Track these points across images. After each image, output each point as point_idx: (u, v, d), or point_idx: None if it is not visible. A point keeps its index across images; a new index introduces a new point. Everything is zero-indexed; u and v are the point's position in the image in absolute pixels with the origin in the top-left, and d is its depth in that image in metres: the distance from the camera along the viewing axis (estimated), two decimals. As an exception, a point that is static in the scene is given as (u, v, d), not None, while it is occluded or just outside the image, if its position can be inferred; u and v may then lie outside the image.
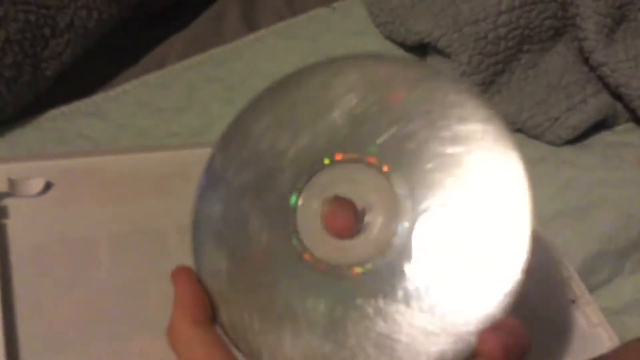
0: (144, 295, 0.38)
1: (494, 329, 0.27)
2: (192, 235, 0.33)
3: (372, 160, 0.31)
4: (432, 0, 0.52)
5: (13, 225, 0.39)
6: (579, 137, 0.51)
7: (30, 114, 0.49)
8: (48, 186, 0.41)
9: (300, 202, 0.31)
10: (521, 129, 0.51)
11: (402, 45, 0.57)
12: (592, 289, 0.43)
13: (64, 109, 0.49)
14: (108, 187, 0.42)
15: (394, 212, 0.30)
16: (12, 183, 0.39)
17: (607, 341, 0.39)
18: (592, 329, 0.40)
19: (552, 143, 0.51)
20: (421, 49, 0.56)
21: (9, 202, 0.39)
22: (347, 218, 0.30)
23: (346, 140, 0.32)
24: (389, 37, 0.57)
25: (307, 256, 0.30)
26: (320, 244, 0.30)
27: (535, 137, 0.51)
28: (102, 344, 0.36)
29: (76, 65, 0.50)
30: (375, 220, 0.30)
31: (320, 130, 0.32)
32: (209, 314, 0.30)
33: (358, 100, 0.32)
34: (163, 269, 0.40)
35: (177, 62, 0.55)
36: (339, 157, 0.31)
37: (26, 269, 0.38)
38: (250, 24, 0.59)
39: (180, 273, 0.31)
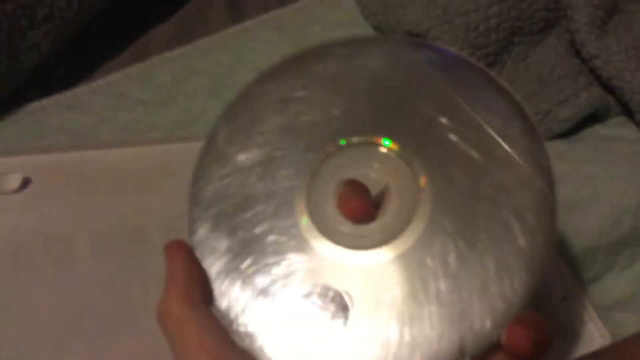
0: (125, 293, 0.38)
1: (521, 322, 0.26)
2: (189, 211, 0.31)
3: (389, 144, 0.30)
4: (422, -9, 0.51)
5: (-11, 222, 0.38)
6: (571, 131, 0.50)
7: (9, 107, 0.47)
8: (26, 182, 0.40)
9: (312, 184, 0.30)
10: (512, 123, 0.51)
11: (391, 36, 0.56)
12: (583, 285, 0.42)
13: (44, 102, 0.48)
14: (88, 182, 0.41)
15: (411, 198, 0.28)
16: (-13, 179, 0.38)
17: (599, 338, 0.39)
18: (584, 326, 0.39)
19: (543, 137, 0.50)
20: (410, 41, 0.55)
21: (-15, 198, 0.38)
22: (363, 201, 0.28)
23: (363, 122, 0.30)
24: (377, 29, 0.56)
25: (315, 240, 0.29)
26: (333, 228, 0.29)
27: (526, 131, 0.51)
28: (82, 344, 0.36)
29: (56, 57, 0.49)
30: (391, 206, 0.29)
31: (336, 109, 0.30)
32: (204, 295, 0.28)
33: (377, 82, 0.30)
34: (145, 267, 0.39)
35: (160, 54, 0.53)
36: (355, 139, 0.30)
37: (4, 267, 0.37)
38: (236, 15, 0.57)
39: (175, 248, 0.30)
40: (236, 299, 0.29)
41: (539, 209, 0.29)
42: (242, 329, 0.28)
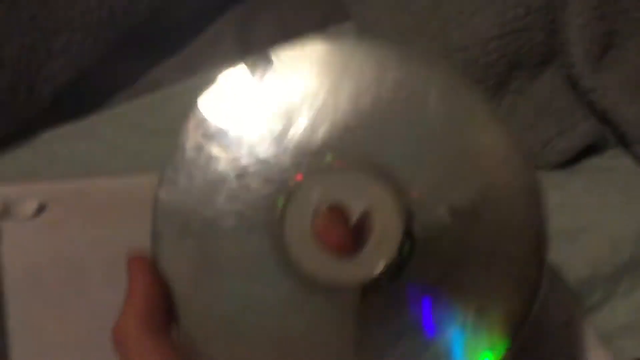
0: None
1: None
2: (152, 224, 0.28)
3: (378, 170, 0.27)
4: (423, 29, 0.53)
5: (6, 247, 0.39)
6: (569, 162, 0.51)
7: (24, 136, 0.49)
8: (41, 208, 0.41)
9: (289, 204, 0.27)
10: (511, 154, 0.52)
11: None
12: (585, 312, 0.43)
13: (58, 131, 0.49)
14: (101, 209, 0.43)
15: (397, 222, 0.26)
16: (5, 205, 0.39)
17: (601, 364, 0.40)
18: (587, 352, 0.40)
19: (541, 167, 0.51)
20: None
21: (2, 224, 0.39)
22: (342, 234, 0.26)
23: (350, 140, 0.27)
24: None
25: (292, 268, 0.26)
26: (311, 254, 0.26)
27: (525, 162, 0.52)
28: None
29: (70, 87, 0.50)
30: (376, 230, 0.26)
31: (321, 121, 0.27)
32: (166, 318, 0.26)
33: (372, 94, 0.27)
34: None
35: (171, 86, 0.55)
36: (339, 163, 0.27)
37: (19, 291, 0.38)
38: (245, 49, 0.59)
39: (137, 264, 0.27)
40: (201, 325, 0.27)
41: (529, 260, 0.27)
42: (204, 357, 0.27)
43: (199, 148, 0.28)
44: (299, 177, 0.27)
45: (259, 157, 0.27)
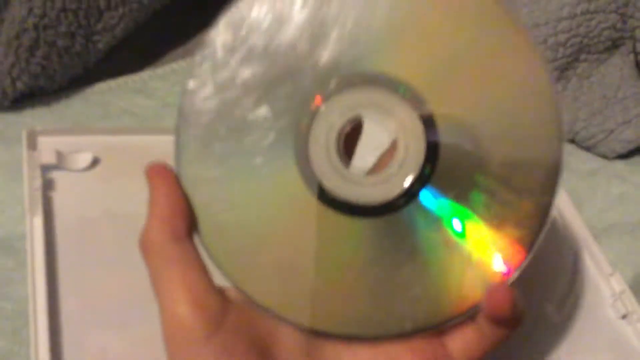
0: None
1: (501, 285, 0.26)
2: (177, 131, 0.28)
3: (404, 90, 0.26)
4: (491, 1, 0.51)
5: (59, 198, 0.38)
6: (633, 152, 0.50)
7: (78, 85, 0.48)
8: (95, 161, 0.40)
9: (313, 123, 0.26)
10: (574, 139, 0.50)
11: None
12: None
13: (111, 83, 0.49)
14: (153, 166, 0.42)
15: (418, 151, 0.26)
16: (60, 156, 0.39)
17: (659, 359, 0.38)
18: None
19: (604, 156, 0.50)
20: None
21: (56, 174, 0.39)
22: None
23: (383, 58, 0.26)
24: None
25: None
26: (332, 173, 0.26)
27: (587, 149, 0.50)
28: (143, 324, 0.36)
29: (126, 41, 0.50)
30: (397, 158, 0.26)
31: (356, 38, 0.26)
32: (189, 225, 0.26)
33: (405, 13, 0.26)
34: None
35: (224, 45, 0.54)
36: (362, 79, 0.26)
37: (71, 242, 0.37)
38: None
39: (158, 172, 0.27)
40: (222, 233, 0.27)
41: (545, 184, 0.27)
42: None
43: (231, 49, 0.27)
44: (318, 100, 0.26)
45: (288, 68, 0.27)
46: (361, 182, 0.27)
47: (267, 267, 0.27)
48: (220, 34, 0.27)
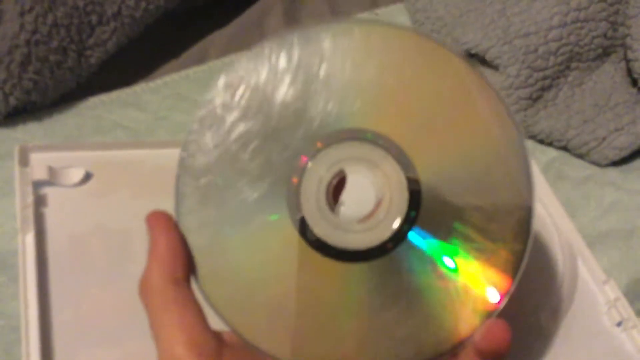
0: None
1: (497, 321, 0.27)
2: (177, 179, 0.29)
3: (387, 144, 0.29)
4: (482, 11, 0.52)
5: (52, 213, 0.38)
6: (626, 159, 0.50)
7: (71, 100, 0.48)
8: (87, 176, 0.40)
9: (308, 169, 0.29)
10: (566, 147, 0.50)
11: (446, 54, 0.56)
12: (637, 314, 0.42)
13: (104, 97, 0.49)
14: (146, 180, 0.42)
15: (403, 198, 0.28)
16: (52, 172, 0.39)
17: (654, 367, 0.38)
18: (639, 353, 0.38)
19: (597, 163, 0.50)
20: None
21: (48, 190, 0.39)
22: None
23: (367, 116, 0.29)
24: (432, 46, 0.56)
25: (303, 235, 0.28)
26: (323, 222, 0.28)
27: (580, 156, 0.50)
28: (135, 339, 0.35)
29: (118, 55, 0.50)
30: (384, 206, 0.28)
31: (343, 99, 0.29)
32: (188, 270, 0.28)
33: (390, 76, 0.29)
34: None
35: (217, 59, 0.54)
36: (352, 133, 0.29)
37: (63, 258, 0.37)
38: (292, 24, 0.58)
39: (158, 218, 0.29)
40: (220, 277, 0.29)
41: (522, 207, 0.29)
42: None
43: (228, 107, 0.29)
44: (304, 159, 0.29)
45: (281, 125, 0.29)
46: (351, 229, 0.28)
47: (262, 310, 0.28)
48: (219, 92, 0.29)
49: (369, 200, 0.29)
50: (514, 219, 0.29)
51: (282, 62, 0.29)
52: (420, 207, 0.28)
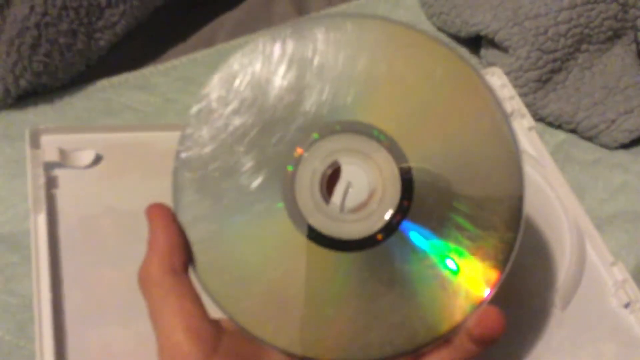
0: (190, 272, 0.38)
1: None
2: (174, 172, 0.30)
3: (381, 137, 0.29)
4: (492, -7, 0.51)
5: (62, 195, 0.39)
6: (635, 141, 0.49)
7: (80, 83, 0.48)
8: (97, 159, 0.40)
9: (303, 160, 0.29)
10: (575, 130, 0.50)
11: (455, 37, 0.56)
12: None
13: (113, 79, 0.49)
14: (155, 162, 0.42)
15: (395, 189, 0.29)
16: (63, 154, 0.39)
17: (661, 348, 0.38)
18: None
19: (606, 146, 0.50)
20: (475, 42, 0.54)
21: (59, 172, 0.39)
22: None
23: (360, 108, 0.30)
24: (441, 29, 0.56)
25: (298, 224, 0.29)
26: (317, 212, 0.29)
27: (589, 139, 0.50)
28: (146, 319, 0.36)
29: (128, 38, 0.50)
30: (376, 197, 0.29)
31: (336, 91, 0.29)
32: (186, 260, 0.29)
33: (381, 68, 0.29)
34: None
35: (225, 42, 0.54)
36: (346, 125, 0.29)
37: (74, 239, 0.37)
38: (300, 7, 0.58)
39: (157, 211, 0.30)
40: (217, 268, 0.29)
41: (513, 196, 0.29)
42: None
43: (224, 100, 0.30)
44: (300, 150, 0.29)
45: (276, 117, 0.30)
46: (345, 219, 0.29)
47: (259, 299, 0.29)
48: (214, 87, 0.30)
49: (362, 191, 0.30)
50: (504, 208, 0.29)
51: (276, 56, 0.29)
52: (413, 198, 0.29)
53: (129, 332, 0.35)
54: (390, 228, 0.29)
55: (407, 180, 0.29)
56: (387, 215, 0.29)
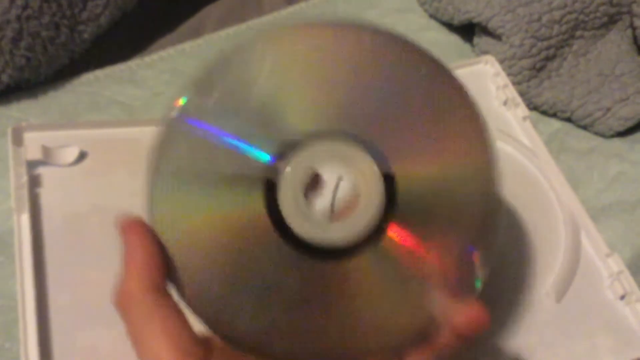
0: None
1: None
2: (148, 181, 0.28)
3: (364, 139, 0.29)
4: (484, -22, 0.50)
5: (46, 193, 0.38)
6: (631, 129, 0.49)
7: (65, 76, 0.47)
8: (82, 156, 0.40)
9: (284, 169, 0.28)
10: (570, 118, 0.49)
11: (447, 25, 0.55)
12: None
13: (99, 73, 0.48)
14: (141, 158, 0.41)
15: (377, 195, 0.28)
16: (46, 151, 0.38)
17: (658, 339, 0.38)
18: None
19: (601, 134, 0.49)
20: (467, 29, 0.54)
21: (43, 170, 0.38)
22: None
23: (338, 116, 0.29)
24: (434, 16, 0.55)
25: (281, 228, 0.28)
26: (301, 219, 0.28)
27: (584, 127, 0.49)
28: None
29: (113, 30, 0.49)
30: (360, 201, 0.28)
31: (314, 96, 0.29)
32: (165, 275, 0.27)
33: (364, 77, 0.29)
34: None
35: (214, 32, 0.53)
36: (325, 132, 0.29)
37: (59, 239, 0.37)
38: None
39: (131, 225, 0.27)
40: (198, 279, 0.28)
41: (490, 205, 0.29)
42: (202, 310, 0.28)
43: (200, 109, 0.28)
44: (279, 158, 0.29)
45: (257, 123, 0.29)
46: (328, 226, 0.28)
47: (243, 308, 0.28)
48: (190, 93, 0.29)
49: (345, 196, 0.29)
50: (483, 213, 0.29)
51: (252, 68, 0.29)
52: (396, 202, 0.28)
53: (115, 333, 0.34)
54: (375, 232, 0.28)
55: (389, 185, 0.28)
56: (371, 220, 0.28)
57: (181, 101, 0.29)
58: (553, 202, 0.42)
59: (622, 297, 0.39)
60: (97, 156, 0.40)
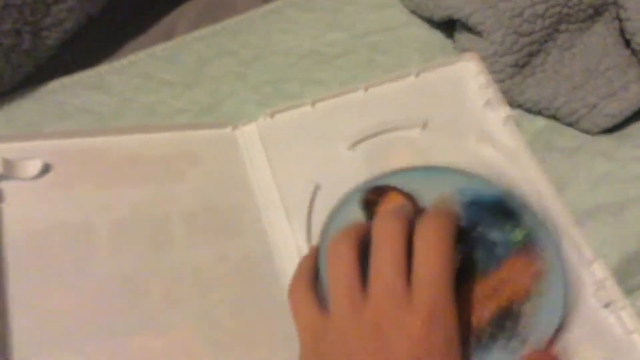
0: (145, 288, 0.36)
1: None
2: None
3: None
4: (465, -28, 0.48)
5: (8, 209, 0.36)
6: (618, 126, 0.47)
7: (30, 85, 0.46)
8: (46, 168, 0.38)
9: None
10: (555, 116, 0.48)
11: (429, 20, 0.53)
12: (628, 292, 0.40)
13: (66, 80, 0.46)
14: (110, 170, 0.40)
15: None
16: (7, 164, 0.37)
17: (642, 348, 0.37)
18: (628, 336, 0.37)
19: (587, 131, 0.47)
20: (448, 25, 0.52)
21: (4, 184, 0.37)
22: None
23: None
24: (414, 12, 0.53)
25: None
26: None
27: (570, 125, 0.48)
28: (99, 341, 0.34)
29: (79, 34, 0.47)
30: None
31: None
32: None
33: None
34: (166, 259, 0.37)
35: (186, 33, 0.51)
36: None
37: (21, 257, 0.35)
38: (267, -4, 0.55)
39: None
40: None
41: None
42: None
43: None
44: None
45: None
46: None
47: None
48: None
49: None
50: None
51: None
52: None
53: (80, 357, 0.33)
54: None
55: None
56: None
57: None
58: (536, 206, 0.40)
59: (607, 305, 0.37)
60: (62, 168, 0.39)
